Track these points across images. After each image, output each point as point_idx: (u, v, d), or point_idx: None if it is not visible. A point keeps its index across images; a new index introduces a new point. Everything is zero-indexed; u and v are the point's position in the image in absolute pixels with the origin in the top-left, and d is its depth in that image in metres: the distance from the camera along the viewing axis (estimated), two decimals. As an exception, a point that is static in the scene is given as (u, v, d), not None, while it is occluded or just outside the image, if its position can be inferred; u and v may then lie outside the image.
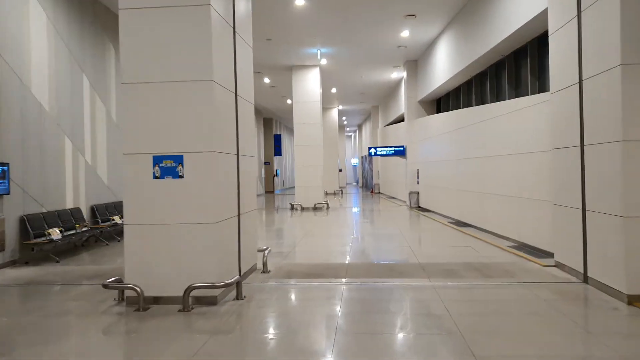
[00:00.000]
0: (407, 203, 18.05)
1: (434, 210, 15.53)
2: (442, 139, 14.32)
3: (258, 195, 29.21)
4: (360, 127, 41.82)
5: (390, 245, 9.73)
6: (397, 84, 21.80)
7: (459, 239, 9.93)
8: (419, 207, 17.40)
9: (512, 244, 8.89)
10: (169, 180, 5.44)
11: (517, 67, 10.70)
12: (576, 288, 5.70)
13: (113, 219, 10.61)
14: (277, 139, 35.52)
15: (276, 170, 35.83)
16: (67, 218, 9.56)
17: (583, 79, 5.80)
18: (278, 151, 35.53)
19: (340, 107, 30.42)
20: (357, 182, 46.84)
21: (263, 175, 32.40)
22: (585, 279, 5.84)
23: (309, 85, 18.04)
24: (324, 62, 17.43)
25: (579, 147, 5.91)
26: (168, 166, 5.45)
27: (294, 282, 6.36)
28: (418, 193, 17.46)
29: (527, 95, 9.35)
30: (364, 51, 16.15)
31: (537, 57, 9.55)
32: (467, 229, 11.25)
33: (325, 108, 29.94)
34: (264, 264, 6.94)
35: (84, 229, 9.64)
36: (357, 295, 5.67)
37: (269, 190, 34.73)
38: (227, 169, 5.87)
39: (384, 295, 5.66)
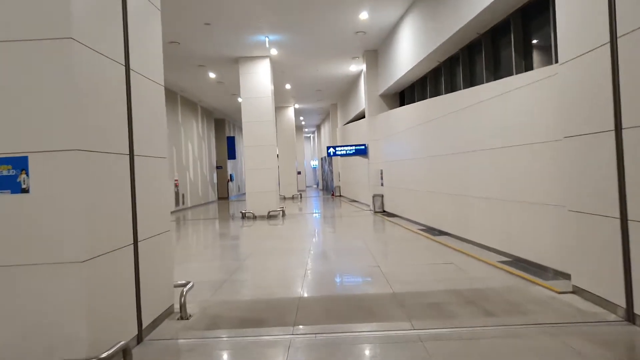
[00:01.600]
0: (371, 207, 16.35)
1: (401, 215, 13.86)
2: (409, 134, 12.66)
3: (210, 203, 26.95)
4: (319, 127, 40.09)
5: (354, 264, 7.91)
6: (356, 78, 20.12)
7: (436, 253, 8.22)
8: (384, 211, 15.72)
9: (503, 258, 7.24)
10: (5, 197, 3.43)
11: (496, 47, 9.12)
12: (624, 334, 4.00)
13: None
14: (231, 141, 33.30)
15: (230, 175, 33.59)
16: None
17: (618, 35, 4.13)
18: (232, 154, 33.32)
19: (297, 106, 28.55)
20: (318, 185, 45.08)
21: (215, 181, 30.14)
22: (631, 316, 4.15)
23: (259, 78, 16.07)
24: (274, 52, 15.51)
25: (613, 132, 4.24)
26: (4, 174, 3.43)
27: (219, 337, 4.40)
28: (382, 196, 15.78)
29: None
30: (319, 39, 14.34)
31: (523, 32, 7.97)
32: (443, 238, 9.58)
33: (281, 107, 28.01)
34: (182, 307, 4.97)
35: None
36: (309, 360, 3.80)
37: (223, 197, 32.45)
38: (107, 177, 3.89)
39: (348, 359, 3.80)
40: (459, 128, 9.17)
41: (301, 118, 34.60)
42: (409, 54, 12.59)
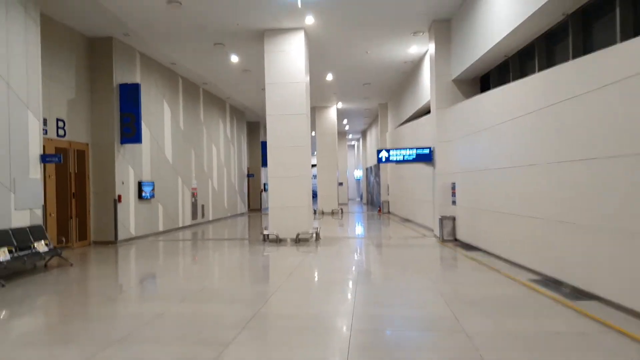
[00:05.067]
0: (438, 234, 12.00)
1: (486, 250, 9.49)
2: (509, 129, 8.34)
3: (238, 215, 23.18)
4: (364, 133, 35.86)
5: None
6: (416, 65, 15.90)
7: (614, 357, 3.91)
8: (456, 239, 11.39)
9: None
10: None
11: None
12: None
13: None
14: (265, 147, 29.59)
15: (264, 185, 29.87)
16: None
17: None
18: (267, 161, 29.59)
19: (340, 106, 24.48)
20: (361, 198, 40.80)
21: (245, 190, 26.43)
22: None
23: (290, 58, 12.14)
24: (310, 21, 11.55)
25: None
26: None
27: None
28: (454, 219, 11.45)
29: None
30: (371, 1, 10.30)
31: None
32: (592, 305, 5.25)
33: (321, 107, 24.12)
34: None
35: None
36: None
37: (255, 208, 28.74)
38: None
39: None
40: (632, 112, 4.86)
41: (344, 121, 30.50)
42: (508, 9, 8.34)
